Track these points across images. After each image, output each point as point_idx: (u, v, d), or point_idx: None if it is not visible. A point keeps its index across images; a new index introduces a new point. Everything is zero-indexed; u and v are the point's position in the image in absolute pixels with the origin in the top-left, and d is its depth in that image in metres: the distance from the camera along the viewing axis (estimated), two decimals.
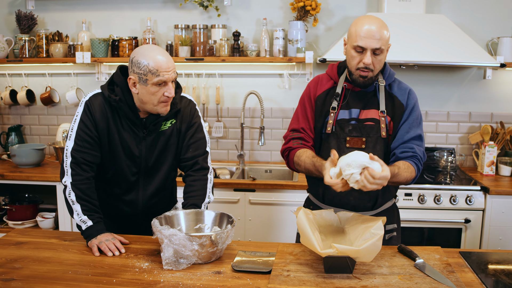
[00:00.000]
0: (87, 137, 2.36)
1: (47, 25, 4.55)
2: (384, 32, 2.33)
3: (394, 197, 2.63)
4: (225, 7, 4.34)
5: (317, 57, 4.17)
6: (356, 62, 2.38)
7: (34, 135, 4.73)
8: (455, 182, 3.85)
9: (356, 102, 2.50)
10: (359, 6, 4.26)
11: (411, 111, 2.47)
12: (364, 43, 2.31)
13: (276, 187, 3.71)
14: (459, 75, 4.29)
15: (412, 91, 2.53)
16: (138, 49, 2.29)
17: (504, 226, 3.65)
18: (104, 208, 2.51)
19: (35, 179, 3.92)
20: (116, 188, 2.50)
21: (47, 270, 2.06)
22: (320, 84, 2.59)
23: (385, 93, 2.49)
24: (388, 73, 2.53)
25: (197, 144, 2.54)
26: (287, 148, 2.56)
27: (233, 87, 4.44)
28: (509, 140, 4.18)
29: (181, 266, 2.06)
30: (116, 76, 2.38)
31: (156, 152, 2.46)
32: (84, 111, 2.37)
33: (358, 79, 2.41)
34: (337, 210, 2.46)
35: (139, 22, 4.45)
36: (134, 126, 2.41)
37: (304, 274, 2.00)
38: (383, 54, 2.36)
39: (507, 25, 4.18)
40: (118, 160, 2.42)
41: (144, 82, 2.25)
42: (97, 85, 4.55)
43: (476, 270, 2.07)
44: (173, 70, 2.28)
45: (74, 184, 2.34)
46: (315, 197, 2.66)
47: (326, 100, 2.53)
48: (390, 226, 2.55)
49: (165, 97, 2.29)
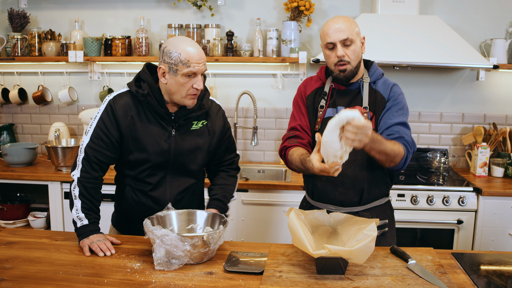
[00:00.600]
0: (103, 136, 2.36)
1: (40, 24, 4.52)
2: (348, 23, 2.41)
3: (386, 195, 2.64)
4: (218, 7, 4.33)
5: (311, 57, 4.17)
6: (332, 60, 2.46)
7: (26, 134, 4.71)
8: (448, 183, 3.85)
9: (342, 100, 2.55)
10: (352, 7, 4.26)
11: (394, 101, 2.49)
12: (331, 38, 2.41)
13: (269, 187, 3.70)
14: (452, 76, 4.30)
15: (397, 86, 2.55)
16: (171, 40, 2.31)
17: (496, 227, 3.66)
18: (132, 206, 2.51)
19: (26, 178, 3.90)
20: (144, 184, 2.48)
21: (37, 270, 2.05)
22: (310, 84, 2.66)
23: (369, 90, 2.53)
24: (375, 71, 2.57)
25: (231, 148, 2.68)
26: (283, 147, 2.60)
27: (227, 87, 4.44)
28: (501, 142, 4.19)
29: (173, 267, 2.05)
30: (143, 73, 2.40)
31: (186, 149, 2.45)
32: (105, 109, 2.38)
33: (339, 75, 2.47)
34: (326, 207, 2.52)
35: (132, 21, 4.44)
36: (163, 121, 2.40)
37: (296, 275, 2.00)
38: (354, 44, 2.42)
39: (500, 26, 4.20)
40: (146, 155, 2.40)
41: (174, 72, 2.26)
42: (90, 84, 4.54)
43: (468, 271, 2.07)
44: (204, 62, 2.30)
45: (80, 180, 2.34)
46: (307, 195, 2.72)
47: (315, 99, 2.60)
48: (381, 222, 2.56)
49: (193, 89, 2.30)
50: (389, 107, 2.48)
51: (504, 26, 4.19)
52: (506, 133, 4.14)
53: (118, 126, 2.37)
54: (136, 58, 4.26)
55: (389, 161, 2.33)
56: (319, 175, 2.32)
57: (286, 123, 4.42)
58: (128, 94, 2.41)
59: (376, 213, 2.56)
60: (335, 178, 2.45)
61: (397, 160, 2.34)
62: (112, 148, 2.39)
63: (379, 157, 2.30)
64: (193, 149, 2.47)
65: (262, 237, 3.77)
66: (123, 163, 2.47)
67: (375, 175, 2.53)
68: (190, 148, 2.46)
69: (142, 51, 4.26)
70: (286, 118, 4.42)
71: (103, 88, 4.50)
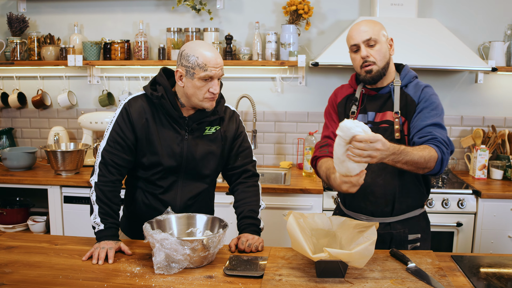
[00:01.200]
0: (119, 139, 2.37)
1: (39, 28, 4.53)
2: (371, 24, 2.40)
3: (421, 206, 2.55)
4: (217, 11, 4.34)
5: (310, 60, 4.17)
6: (357, 62, 2.43)
7: (25, 138, 4.71)
8: (447, 185, 3.85)
9: (372, 106, 2.50)
10: (351, 10, 4.27)
11: (425, 102, 2.39)
12: (354, 40, 2.40)
13: (269, 191, 3.70)
14: (451, 79, 4.31)
15: (429, 87, 2.45)
16: (189, 44, 2.33)
17: (496, 230, 3.66)
18: (141, 209, 2.51)
19: (26, 183, 3.90)
20: (155, 187, 2.47)
21: (37, 274, 2.05)
22: (340, 92, 2.63)
23: (400, 94, 2.47)
24: (406, 74, 2.51)
25: (245, 153, 2.60)
26: (314, 157, 2.56)
27: (226, 90, 4.39)
28: (500, 144, 4.19)
29: (173, 271, 2.05)
30: (159, 77, 2.41)
31: (199, 154, 2.44)
32: (121, 113, 2.39)
33: (366, 77, 2.43)
34: (358, 216, 2.49)
35: (131, 25, 4.44)
36: (176, 124, 2.41)
37: (296, 279, 2.00)
38: (379, 44, 2.39)
39: (498, 29, 4.21)
40: (159, 158, 2.40)
41: (191, 76, 2.28)
42: (89, 88, 4.55)
43: (468, 274, 2.08)
44: (221, 67, 2.31)
45: (97, 185, 2.35)
46: (341, 202, 2.69)
47: (346, 105, 2.57)
48: (413, 236, 2.49)
49: (210, 93, 2.31)
50: (421, 109, 2.39)
51: (502, 28, 4.20)
52: (505, 136, 4.15)
53: (133, 129, 2.38)
54: (135, 62, 4.26)
55: (421, 168, 2.21)
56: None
57: (285, 126, 4.43)
58: (143, 97, 2.42)
59: (409, 225, 2.48)
60: (365, 187, 2.35)
61: (431, 165, 2.21)
62: (129, 151, 2.40)
63: (407, 167, 2.18)
64: (205, 154, 2.46)
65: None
66: (136, 165, 2.47)
67: (408, 184, 2.45)
68: (203, 153, 2.45)
69: (141, 55, 4.26)
70: (286, 122, 4.42)
71: (102, 92, 4.50)
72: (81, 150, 4.02)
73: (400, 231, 2.46)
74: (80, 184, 3.82)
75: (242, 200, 2.52)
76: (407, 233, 2.47)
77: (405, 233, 2.47)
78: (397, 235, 2.46)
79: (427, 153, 2.18)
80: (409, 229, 2.48)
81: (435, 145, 2.24)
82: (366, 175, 2.19)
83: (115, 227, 2.36)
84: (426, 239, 2.55)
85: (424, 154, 2.17)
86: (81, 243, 2.41)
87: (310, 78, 4.37)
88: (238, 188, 2.57)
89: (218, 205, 2.90)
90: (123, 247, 2.28)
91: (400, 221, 2.48)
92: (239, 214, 2.48)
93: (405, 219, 2.49)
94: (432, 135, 2.28)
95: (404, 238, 2.47)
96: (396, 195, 2.44)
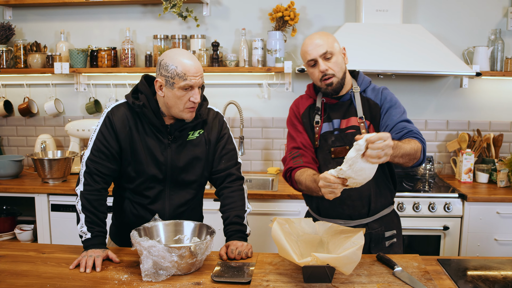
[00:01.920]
0: (103, 149, 2.36)
1: (25, 36, 4.52)
2: (324, 37, 2.42)
3: (392, 203, 2.62)
4: (204, 18, 4.35)
5: (296, 67, 4.19)
6: (316, 76, 2.45)
7: (12, 146, 4.69)
8: (434, 189, 3.88)
9: (336, 113, 2.53)
10: (337, 16, 4.29)
11: (389, 102, 2.47)
12: (311, 55, 2.42)
13: (256, 197, 3.71)
14: (436, 84, 4.34)
15: (386, 89, 2.53)
16: (167, 52, 2.31)
17: (482, 233, 3.69)
18: (130, 219, 2.50)
19: (13, 191, 3.88)
20: (143, 197, 2.46)
21: (24, 284, 2.04)
22: (301, 103, 2.64)
23: (361, 99, 2.52)
24: (362, 80, 2.57)
25: (229, 155, 2.56)
26: (288, 169, 2.54)
27: (212, 97, 4.43)
28: (486, 148, 4.23)
29: (161, 278, 2.05)
30: (141, 84, 2.40)
31: (183, 161, 2.44)
32: (104, 122, 2.38)
33: (327, 89, 2.46)
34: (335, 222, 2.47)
35: (118, 32, 4.44)
36: (159, 133, 2.40)
37: (283, 284, 2.00)
38: (335, 56, 2.42)
39: (482, 34, 4.25)
40: (143, 167, 2.40)
41: (171, 86, 2.27)
42: (76, 96, 4.53)
43: (454, 277, 2.09)
44: (201, 75, 2.31)
45: (83, 194, 2.34)
46: (312, 211, 2.69)
47: (310, 115, 2.58)
48: (389, 233, 2.55)
49: (190, 102, 2.30)
50: (387, 109, 2.46)
51: (486, 34, 4.25)
52: (490, 139, 4.19)
53: (117, 137, 2.37)
54: (122, 69, 4.26)
55: (412, 159, 2.26)
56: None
57: (272, 132, 4.44)
58: (126, 106, 2.41)
59: (384, 223, 2.54)
60: (342, 192, 2.34)
61: (419, 155, 2.28)
62: (113, 160, 2.39)
63: (402, 161, 2.22)
64: (190, 161, 2.45)
65: None
66: (121, 175, 2.46)
67: (380, 183, 2.51)
68: (187, 160, 2.44)
69: (128, 62, 4.26)
70: (273, 128, 4.44)
71: (89, 99, 4.49)
72: (68, 158, 4.01)
73: (378, 230, 2.52)
74: (67, 192, 3.80)
75: (227, 206, 2.50)
76: (383, 230, 2.53)
77: (382, 231, 2.53)
78: (375, 234, 2.52)
79: (414, 145, 2.25)
80: (385, 227, 2.54)
81: (415, 137, 2.31)
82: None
83: (102, 235, 2.35)
84: (400, 234, 2.62)
85: (413, 145, 2.23)
86: (69, 251, 2.40)
87: (296, 84, 4.39)
88: (223, 192, 2.55)
89: (206, 211, 2.91)
90: (111, 255, 2.28)
91: (376, 220, 2.53)
92: (225, 220, 2.47)
93: (380, 217, 2.55)
94: (408, 129, 2.35)
95: (381, 236, 2.53)
96: (371, 195, 2.49)
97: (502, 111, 4.36)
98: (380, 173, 2.47)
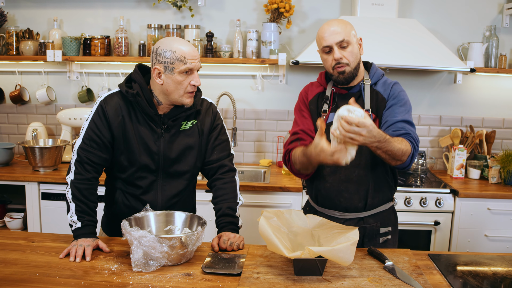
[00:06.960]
0: (95, 137, 2.34)
1: (18, 22, 4.48)
2: (343, 25, 2.38)
3: (391, 200, 2.61)
4: (198, 8, 4.32)
5: (290, 59, 4.18)
6: (330, 63, 2.42)
7: (3, 134, 4.65)
8: (425, 184, 3.89)
9: (344, 104, 2.50)
10: (332, 9, 4.28)
11: (395, 99, 2.44)
12: (327, 41, 2.38)
13: (248, 189, 3.70)
14: (430, 79, 4.35)
15: (397, 84, 2.51)
16: (162, 40, 2.31)
17: (473, 229, 3.70)
18: (122, 210, 2.48)
19: (3, 179, 3.85)
20: (135, 187, 2.45)
21: (13, 272, 2.02)
22: (311, 89, 2.62)
23: (371, 92, 2.50)
24: (375, 72, 2.54)
25: (221, 146, 2.55)
26: (286, 151, 2.53)
27: (206, 88, 4.40)
28: (478, 144, 4.24)
29: (151, 268, 2.04)
30: (135, 73, 2.39)
31: (176, 151, 2.42)
32: (96, 111, 2.36)
33: (338, 77, 2.43)
34: (331, 213, 2.50)
35: (111, 21, 4.41)
36: (152, 122, 2.38)
37: (274, 277, 2.00)
38: (351, 45, 2.39)
39: (477, 30, 4.25)
40: (136, 156, 2.39)
41: (171, 71, 2.26)
42: (69, 84, 4.50)
43: (444, 272, 2.10)
44: (198, 59, 2.32)
45: (73, 182, 2.33)
46: (311, 199, 2.68)
47: (318, 103, 2.56)
48: (385, 229, 2.53)
49: (191, 86, 2.31)
50: (391, 105, 2.43)
51: (481, 30, 4.25)
52: (482, 136, 4.20)
53: (109, 126, 2.35)
54: (115, 58, 4.24)
55: (395, 159, 2.25)
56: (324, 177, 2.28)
57: (265, 124, 4.43)
58: (119, 95, 2.39)
59: (380, 219, 2.53)
60: (339, 184, 2.43)
61: (404, 158, 2.26)
62: (104, 149, 2.37)
63: (384, 156, 2.22)
64: (182, 150, 2.44)
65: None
66: (114, 165, 2.45)
67: (379, 179, 2.50)
68: (180, 150, 2.43)
69: (121, 51, 4.23)
70: (266, 120, 4.43)
71: (82, 88, 4.46)
72: (59, 146, 3.99)
73: (373, 225, 2.51)
74: (58, 180, 3.78)
75: (219, 197, 2.49)
76: (379, 226, 2.52)
77: (377, 227, 2.52)
78: (370, 229, 2.50)
79: (404, 146, 2.24)
80: (380, 223, 2.53)
81: (409, 141, 2.30)
82: (340, 172, 2.25)
83: (93, 224, 2.34)
84: (395, 232, 2.62)
85: (402, 147, 2.22)
86: (59, 240, 2.39)
87: (290, 76, 4.38)
88: (216, 184, 2.54)
89: (199, 202, 2.91)
90: (101, 245, 2.27)
91: (372, 215, 2.52)
92: (217, 211, 2.47)
93: (377, 213, 2.53)
94: (405, 130, 2.33)
95: (376, 231, 2.52)
96: (369, 190, 2.47)
97: (495, 108, 4.37)
98: (381, 169, 2.47)
